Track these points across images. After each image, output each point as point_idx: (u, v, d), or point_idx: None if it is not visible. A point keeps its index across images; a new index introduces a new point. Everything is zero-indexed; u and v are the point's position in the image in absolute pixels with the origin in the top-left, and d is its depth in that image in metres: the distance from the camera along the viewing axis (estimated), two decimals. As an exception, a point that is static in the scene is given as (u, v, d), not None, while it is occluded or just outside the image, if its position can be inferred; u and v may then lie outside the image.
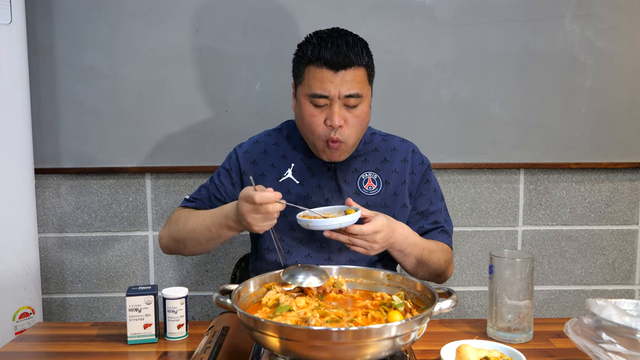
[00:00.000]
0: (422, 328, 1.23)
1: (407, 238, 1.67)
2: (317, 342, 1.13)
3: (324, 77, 1.63)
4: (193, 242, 1.72)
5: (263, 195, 1.45)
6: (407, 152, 1.86)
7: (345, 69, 1.63)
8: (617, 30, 2.47)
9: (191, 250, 1.76)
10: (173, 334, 1.54)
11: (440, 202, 1.88)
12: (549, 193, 2.60)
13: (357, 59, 1.64)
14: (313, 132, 1.69)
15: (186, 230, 1.73)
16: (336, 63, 1.62)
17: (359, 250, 1.60)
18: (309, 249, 1.78)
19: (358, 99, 1.65)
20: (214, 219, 1.65)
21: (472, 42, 2.46)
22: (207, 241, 1.69)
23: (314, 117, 1.67)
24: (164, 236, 1.82)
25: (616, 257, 2.65)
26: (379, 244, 1.60)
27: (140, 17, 2.42)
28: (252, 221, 1.50)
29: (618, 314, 1.25)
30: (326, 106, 1.66)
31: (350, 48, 1.63)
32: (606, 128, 2.52)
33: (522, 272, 1.47)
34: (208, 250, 1.75)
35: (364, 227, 1.56)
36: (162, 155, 2.49)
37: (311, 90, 1.65)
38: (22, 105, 2.23)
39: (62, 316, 2.60)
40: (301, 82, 1.70)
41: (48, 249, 2.57)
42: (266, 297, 1.40)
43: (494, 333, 1.51)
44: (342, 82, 1.63)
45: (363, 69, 1.67)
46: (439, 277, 1.82)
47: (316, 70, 1.65)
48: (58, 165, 2.49)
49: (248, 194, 1.47)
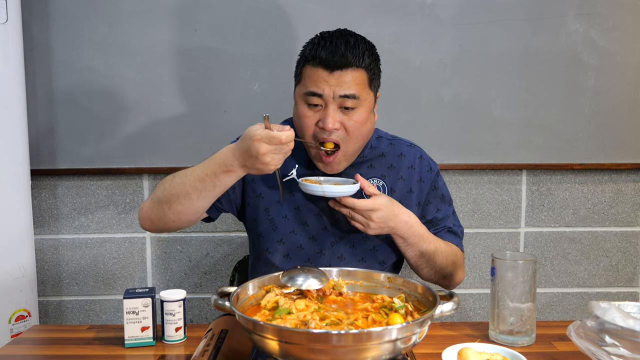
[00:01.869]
0: (423, 331, 1.23)
1: (411, 227, 1.66)
2: (316, 346, 1.13)
3: (319, 77, 1.60)
4: (182, 197, 1.58)
5: (288, 134, 1.44)
6: (414, 158, 1.82)
7: (342, 69, 1.59)
8: (621, 29, 2.46)
9: (177, 210, 1.61)
10: (171, 337, 1.53)
11: (449, 207, 1.85)
12: (551, 194, 2.59)
13: (356, 60, 1.60)
14: (308, 132, 1.65)
15: (173, 186, 1.60)
16: (332, 63, 1.58)
17: (357, 226, 1.62)
18: (309, 255, 1.76)
19: (355, 100, 1.60)
20: (206, 168, 1.55)
21: (474, 42, 2.46)
22: (199, 194, 1.56)
23: (306, 117, 1.63)
24: (145, 205, 1.69)
25: (620, 259, 2.64)
26: (376, 222, 1.60)
27: (137, 16, 2.41)
28: (271, 161, 1.45)
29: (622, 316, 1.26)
30: (320, 107, 1.62)
31: (350, 49, 1.59)
32: (609, 128, 2.51)
33: (525, 274, 1.47)
34: (196, 210, 1.62)
35: (358, 201, 1.57)
36: (160, 156, 2.48)
37: (305, 89, 1.62)
38: (18, 105, 2.22)
39: (58, 319, 2.60)
40: (299, 82, 1.68)
41: (44, 250, 2.56)
42: (265, 299, 1.39)
43: (496, 336, 1.51)
44: (337, 83, 1.59)
45: (363, 72, 1.62)
46: (445, 279, 1.78)
47: (312, 69, 1.61)
48: (54, 166, 2.48)
49: (271, 135, 1.42)
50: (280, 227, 1.75)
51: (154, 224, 1.69)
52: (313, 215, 1.75)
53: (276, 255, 1.76)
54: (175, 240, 2.57)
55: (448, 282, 1.80)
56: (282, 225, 1.75)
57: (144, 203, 1.70)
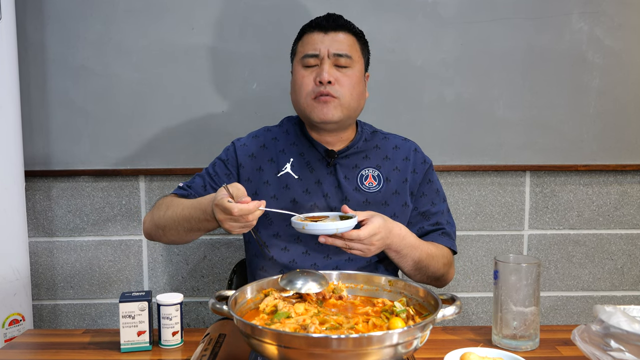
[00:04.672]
0: (425, 335, 1.23)
1: (403, 239, 1.68)
2: (316, 350, 1.13)
3: (315, 39, 1.76)
4: (173, 230, 1.71)
5: (242, 208, 1.45)
6: (409, 150, 1.87)
7: (336, 31, 1.75)
8: (626, 27, 2.44)
9: (170, 238, 1.75)
10: (168, 342, 1.53)
11: (443, 203, 1.88)
12: (555, 196, 2.57)
13: (349, 25, 1.78)
14: (303, 92, 1.75)
15: (166, 218, 1.71)
16: (326, 25, 1.76)
17: (356, 253, 1.62)
18: (307, 247, 1.78)
19: (348, 59, 1.74)
20: (193, 210, 1.63)
21: (477, 40, 2.44)
22: (186, 232, 1.69)
23: (304, 77, 1.75)
24: (147, 221, 1.81)
25: (625, 262, 2.62)
26: (376, 246, 1.61)
27: (134, 15, 2.40)
28: (229, 228, 1.51)
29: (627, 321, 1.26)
30: (316, 67, 1.74)
31: (343, 19, 1.79)
32: (615, 129, 2.49)
33: (528, 277, 1.47)
34: (187, 241, 1.76)
35: (361, 232, 1.57)
36: (157, 156, 2.46)
37: (302, 53, 1.76)
38: (12, 106, 2.21)
39: (53, 323, 2.58)
40: (295, 53, 1.81)
41: (39, 253, 2.54)
42: (264, 303, 1.40)
43: (499, 340, 1.51)
44: (331, 42, 1.74)
45: (353, 37, 1.78)
46: (437, 280, 1.82)
47: (308, 36, 1.78)
48: (49, 167, 2.46)
49: (224, 206, 1.46)
50: (276, 222, 1.78)
51: (154, 239, 1.83)
52: (309, 207, 1.78)
53: (273, 249, 1.78)
54: (173, 242, 2.55)
55: (440, 282, 1.84)
56: (277, 219, 1.77)
57: (146, 216, 1.82)
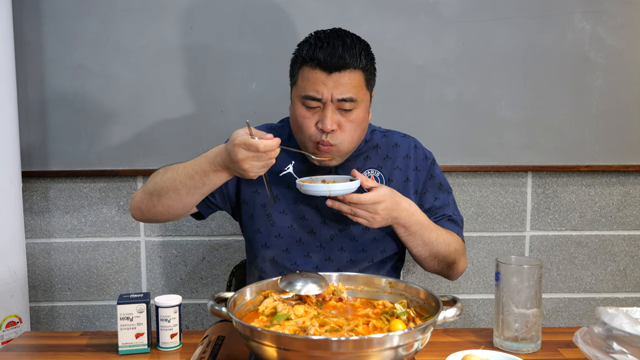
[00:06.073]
0: (426, 337, 1.24)
1: (412, 215, 1.66)
2: (316, 353, 1.14)
3: (317, 79, 1.61)
4: (171, 192, 1.63)
5: (267, 143, 1.44)
6: (409, 147, 1.85)
7: (340, 71, 1.60)
8: (629, 27, 2.43)
9: (166, 204, 1.67)
10: (166, 344, 1.53)
11: (447, 195, 1.86)
12: (557, 197, 2.56)
13: (353, 61, 1.61)
14: (304, 134, 1.67)
15: (164, 180, 1.65)
16: (330, 65, 1.59)
17: (361, 222, 1.60)
18: (309, 249, 1.77)
19: (352, 103, 1.63)
20: (197, 165, 1.60)
21: (478, 40, 2.43)
22: (188, 191, 1.61)
23: (306, 119, 1.65)
24: (137, 195, 1.75)
25: (628, 263, 2.61)
26: (381, 215, 1.59)
27: (132, 14, 2.39)
28: (249, 168, 1.49)
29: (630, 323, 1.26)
30: (318, 108, 1.64)
31: (347, 50, 1.60)
32: (617, 129, 2.48)
33: (530, 279, 1.47)
34: (184, 205, 1.67)
35: (362, 195, 1.56)
36: (155, 157, 2.45)
37: (304, 92, 1.64)
38: (9, 106, 2.21)
39: (50, 325, 2.58)
40: (295, 82, 1.69)
41: (36, 255, 2.53)
42: (263, 305, 1.40)
43: (501, 343, 1.51)
44: (335, 85, 1.60)
45: (360, 73, 1.64)
46: (450, 268, 1.79)
47: (309, 72, 1.62)
48: (46, 167, 2.45)
49: (249, 142, 1.44)
50: (277, 222, 1.77)
51: (144, 214, 1.76)
52: (311, 209, 1.76)
53: (275, 250, 1.77)
54: (171, 244, 2.55)
55: (452, 271, 1.81)
56: (279, 220, 1.76)
57: (136, 192, 1.77)
